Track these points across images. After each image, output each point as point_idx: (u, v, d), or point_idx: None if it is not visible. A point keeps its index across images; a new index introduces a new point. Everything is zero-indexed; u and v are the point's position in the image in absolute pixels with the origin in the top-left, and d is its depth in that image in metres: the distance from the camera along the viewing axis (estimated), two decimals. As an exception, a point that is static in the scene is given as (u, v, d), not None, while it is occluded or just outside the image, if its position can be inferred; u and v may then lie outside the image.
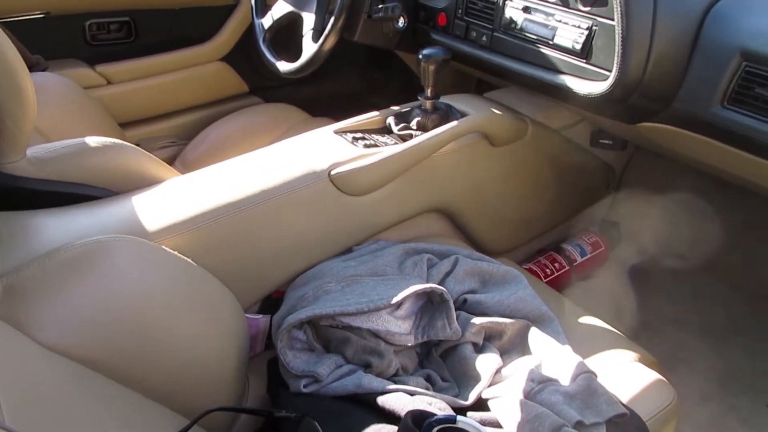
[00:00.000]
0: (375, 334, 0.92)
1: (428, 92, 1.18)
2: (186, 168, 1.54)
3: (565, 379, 0.85)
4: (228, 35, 1.74)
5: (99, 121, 1.39)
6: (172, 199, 0.94)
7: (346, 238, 1.08)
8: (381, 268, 0.99)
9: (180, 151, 1.63)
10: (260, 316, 1.00)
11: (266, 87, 1.87)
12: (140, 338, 0.74)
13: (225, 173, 1.02)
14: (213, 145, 1.57)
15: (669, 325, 1.45)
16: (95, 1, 1.55)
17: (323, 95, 1.93)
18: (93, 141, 0.92)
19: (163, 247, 0.84)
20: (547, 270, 1.40)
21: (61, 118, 1.26)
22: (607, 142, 1.46)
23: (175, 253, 0.84)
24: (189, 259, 0.85)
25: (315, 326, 0.93)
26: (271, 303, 1.03)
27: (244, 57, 1.79)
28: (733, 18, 0.99)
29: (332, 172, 1.03)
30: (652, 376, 0.91)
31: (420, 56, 1.14)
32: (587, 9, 1.05)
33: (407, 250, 1.05)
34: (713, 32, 1.00)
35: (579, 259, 1.46)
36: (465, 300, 0.99)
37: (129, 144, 0.97)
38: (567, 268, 1.43)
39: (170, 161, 1.61)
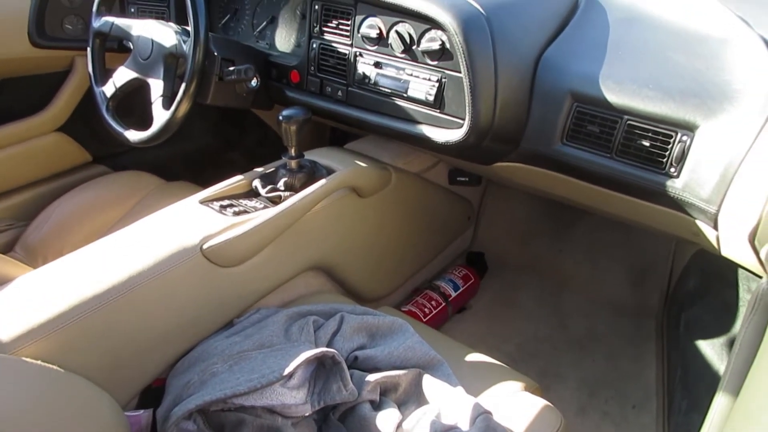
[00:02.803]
0: (270, 410, 0.88)
1: (292, 152, 1.18)
2: (28, 253, 1.39)
3: (464, 424, 0.87)
4: (63, 103, 1.60)
5: None
6: (26, 300, 0.84)
7: (226, 312, 1.03)
8: (267, 339, 0.96)
9: (19, 234, 1.46)
10: (141, 411, 0.91)
11: (112, 154, 1.75)
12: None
13: (86, 261, 0.94)
14: (58, 224, 1.43)
15: (540, 344, 1.55)
16: None
17: (177, 157, 1.84)
18: None
19: (23, 358, 0.75)
20: (426, 309, 1.44)
21: None
22: (463, 179, 1.55)
23: (37, 362, 0.75)
24: (54, 366, 0.77)
25: (205, 413, 0.88)
26: (151, 395, 0.95)
27: (84, 124, 1.66)
28: (561, 64, 1.11)
29: (204, 246, 0.98)
30: (538, 403, 0.96)
31: (280, 117, 1.14)
32: (435, 63, 1.12)
33: (291, 315, 1.03)
34: (546, 78, 1.11)
35: (453, 294, 1.52)
36: (356, 357, 0.99)
37: (-37, 244, 0.86)
38: (443, 304, 1.48)
39: (8, 247, 1.44)
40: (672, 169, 0.99)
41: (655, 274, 1.59)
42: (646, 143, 1.01)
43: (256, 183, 1.18)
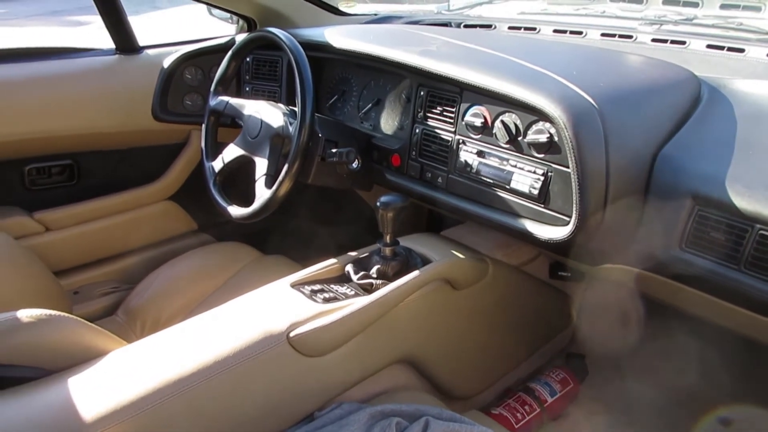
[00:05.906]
0: None
1: (387, 239, 1.15)
2: (129, 318, 1.44)
3: None
4: (176, 175, 1.69)
5: (29, 274, 1.29)
6: (113, 378, 0.84)
7: (307, 404, 0.99)
8: (347, 440, 0.91)
9: (124, 297, 1.52)
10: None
11: (216, 224, 1.81)
12: None
13: (175, 341, 0.94)
14: (159, 291, 1.48)
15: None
16: (37, 146, 1.49)
17: (274, 230, 1.88)
18: (25, 316, 0.83)
19: (99, 443, 0.74)
20: (518, 414, 1.33)
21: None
22: (565, 274, 1.45)
23: (114, 448, 0.74)
24: (132, 453, 0.75)
25: None
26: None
27: (193, 195, 1.74)
28: (682, 163, 1.02)
29: (291, 334, 0.96)
30: None
31: (378, 204, 1.12)
32: (541, 156, 1.06)
33: (374, 415, 0.97)
34: (664, 177, 1.03)
35: (549, 400, 1.40)
36: (439, 470, 0.91)
37: (65, 314, 0.88)
38: (538, 410, 1.37)
39: (112, 309, 1.50)
40: (815, 290, 0.87)
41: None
42: (783, 258, 0.90)
43: (349, 268, 1.16)
